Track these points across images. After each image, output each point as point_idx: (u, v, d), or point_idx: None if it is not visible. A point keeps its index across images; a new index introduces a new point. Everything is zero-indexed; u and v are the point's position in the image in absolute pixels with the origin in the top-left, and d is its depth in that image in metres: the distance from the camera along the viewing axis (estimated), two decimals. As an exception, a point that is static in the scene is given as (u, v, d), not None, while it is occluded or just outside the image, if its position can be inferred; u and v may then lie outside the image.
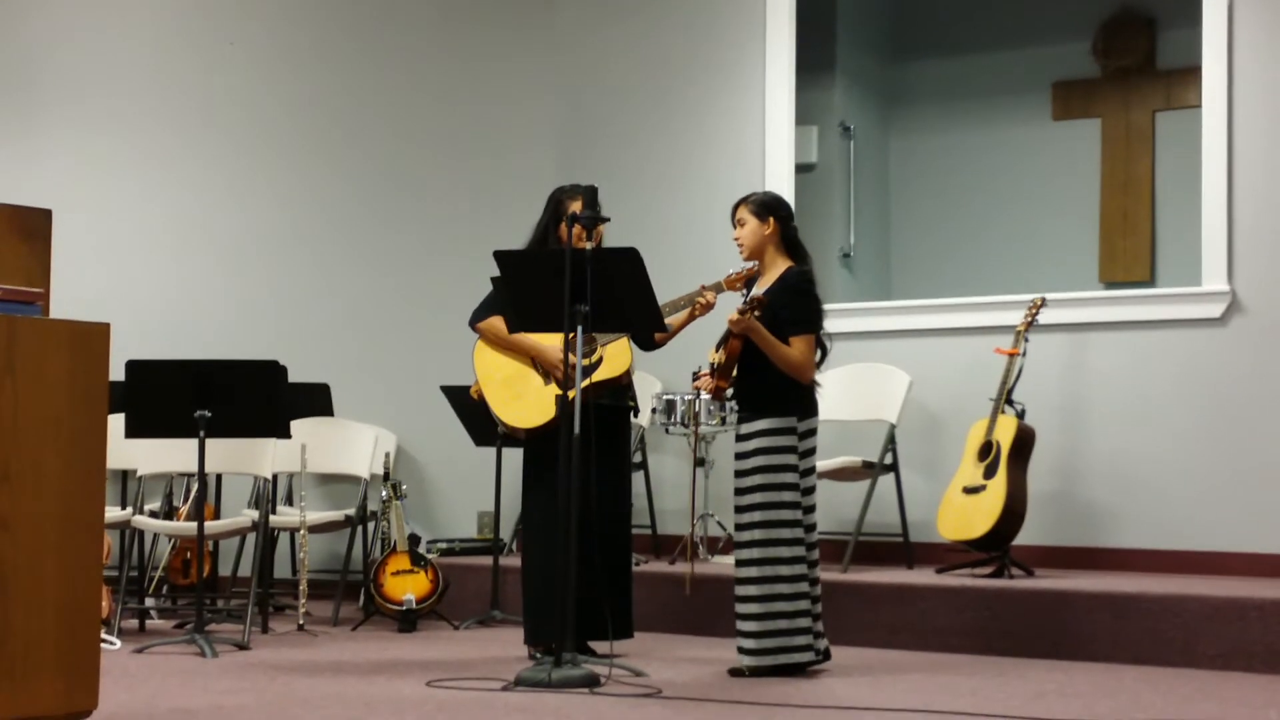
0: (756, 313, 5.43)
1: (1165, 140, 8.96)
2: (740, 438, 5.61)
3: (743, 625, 5.51)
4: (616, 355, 5.86)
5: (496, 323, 5.99)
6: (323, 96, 8.76)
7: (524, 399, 5.92)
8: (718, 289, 5.88)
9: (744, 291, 5.72)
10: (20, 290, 4.10)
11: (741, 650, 5.53)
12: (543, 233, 6.01)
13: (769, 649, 5.46)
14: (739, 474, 5.58)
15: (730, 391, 5.67)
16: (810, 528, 5.56)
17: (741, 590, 5.52)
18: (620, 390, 5.94)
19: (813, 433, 5.62)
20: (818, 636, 5.54)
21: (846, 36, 9.43)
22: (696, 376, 5.86)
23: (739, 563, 5.56)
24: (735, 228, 5.74)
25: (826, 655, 5.59)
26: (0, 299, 4.01)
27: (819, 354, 5.65)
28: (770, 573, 5.46)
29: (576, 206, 5.90)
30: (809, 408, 5.61)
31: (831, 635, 6.12)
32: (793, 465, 5.51)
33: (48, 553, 3.93)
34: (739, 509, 5.57)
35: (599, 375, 5.80)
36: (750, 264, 5.74)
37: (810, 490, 5.58)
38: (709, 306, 5.85)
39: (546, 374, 5.92)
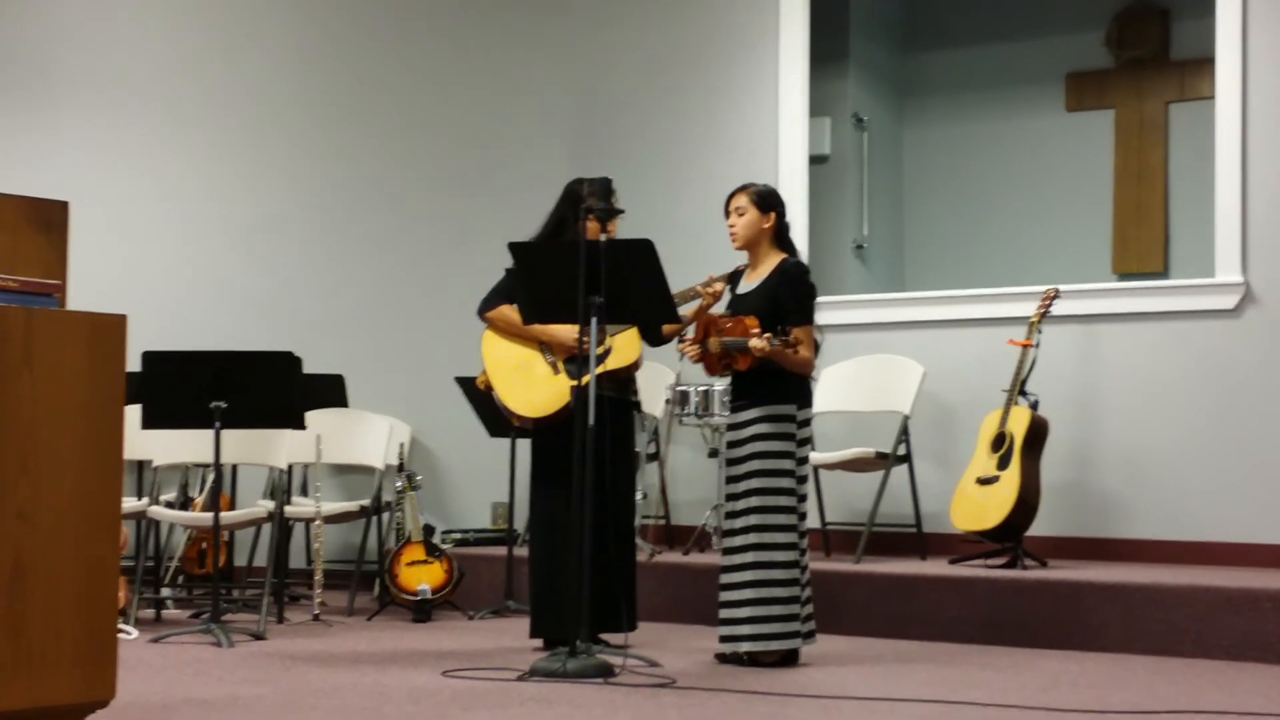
0: (794, 349, 5.40)
1: (1179, 131, 8.94)
2: (736, 425, 5.61)
3: (734, 612, 5.50)
4: (625, 346, 5.86)
5: (506, 310, 5.98)
6: (337, 87, 8.78)
7: (533, 388, 5.92)
8: (725, 279, 5.89)
9: (728, 286, 5.72)
10: (37, 282, 4.11)
11: (728, 638, 5.53)
12: (557, 225, 5.98)
13: (766, 635, 5.47)
14: (733, 461, 5.58)
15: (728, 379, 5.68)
16: (802, 516, 5.57)
17: (735, 577, 5.52)
18: (625, 383, 5.95)
19: (808, 423, 5.65)
20: (805, 620, 5.55)
21: (860, 27, 9.43)
22: (682, 339, 5.83)
23: (728, 550, 5.56)
24: (730, 216, 5.72)
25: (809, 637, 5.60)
26: (18, 291, 4.02)
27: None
28: (765, 559, 5.45)
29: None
30: (807, 397, 5.64)
31: (844, 625, 6.13)
32: (790, 453, 5.52)
33: (65, 543, 3.94)
34: (733, 496, 5.57)
35: (609, 365, 5.80)
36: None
37: (802, 480, 5.59)
38: (718, 296, 5.86)
39: (554, 364, 5.93)
